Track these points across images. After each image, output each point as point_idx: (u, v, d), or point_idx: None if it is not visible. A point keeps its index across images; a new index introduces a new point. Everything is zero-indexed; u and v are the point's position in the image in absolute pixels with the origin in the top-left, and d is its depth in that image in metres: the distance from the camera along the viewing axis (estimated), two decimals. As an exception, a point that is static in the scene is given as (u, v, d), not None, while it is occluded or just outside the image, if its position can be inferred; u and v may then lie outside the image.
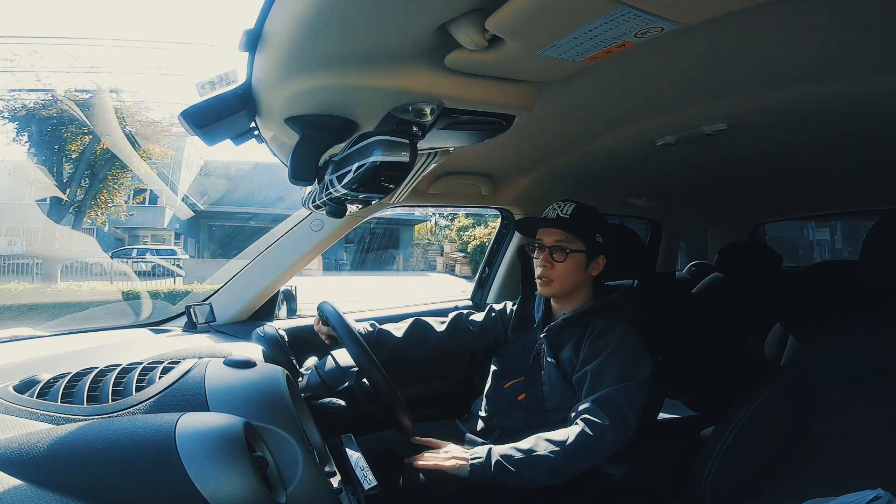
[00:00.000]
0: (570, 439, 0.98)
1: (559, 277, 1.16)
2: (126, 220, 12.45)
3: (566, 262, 1.15)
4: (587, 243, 1.16)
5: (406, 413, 0.99)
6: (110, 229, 13.17)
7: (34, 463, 0.50)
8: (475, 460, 0.97)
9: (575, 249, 1.15)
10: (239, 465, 0.53)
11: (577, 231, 1.16)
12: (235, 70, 0.67)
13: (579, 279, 1.18)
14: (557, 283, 1.17)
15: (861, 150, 1.27)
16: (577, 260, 1.16)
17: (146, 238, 14.45)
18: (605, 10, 0.49)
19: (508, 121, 0.81)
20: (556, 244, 1.16)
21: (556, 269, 1.16)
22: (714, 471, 0.87)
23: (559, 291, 1.18)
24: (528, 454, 0.97)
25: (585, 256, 1.17)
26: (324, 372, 1.04)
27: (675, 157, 1.32)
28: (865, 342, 0.84)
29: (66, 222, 10.88)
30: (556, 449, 0.97)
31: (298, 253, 1.39)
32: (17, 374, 0.71)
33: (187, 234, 14.83)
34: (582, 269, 1.17)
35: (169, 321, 1.35)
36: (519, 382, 1.22)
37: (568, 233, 1.16)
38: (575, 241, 1.16)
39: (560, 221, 1.16)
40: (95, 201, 10.91)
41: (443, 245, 17.65)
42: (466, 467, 0.97)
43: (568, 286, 1.18)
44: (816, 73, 0.81)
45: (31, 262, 9.24)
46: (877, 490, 0.58)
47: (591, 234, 1.17)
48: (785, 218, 2.70)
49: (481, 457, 0.97)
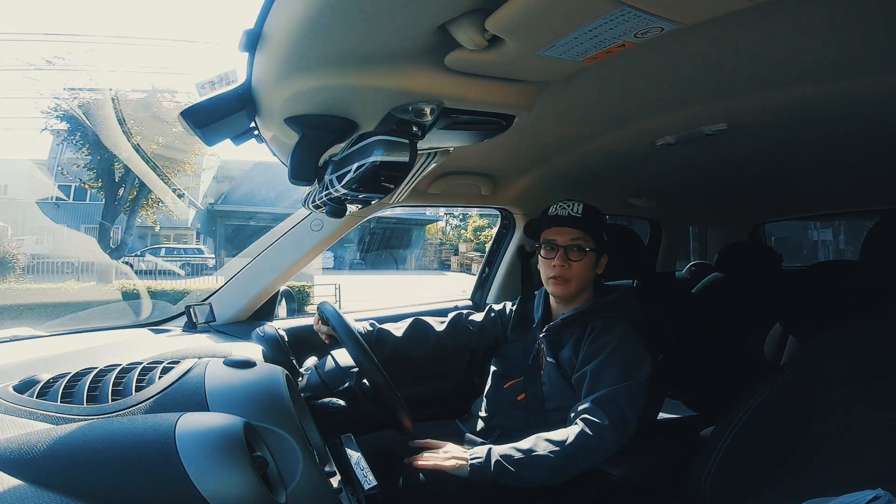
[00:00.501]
0: (569, 439, 0.98)
1: (576, 276, 1.16)
2: (154, 220, 12.65)
3: (583, 260, 1.15)
4: (597, 242, 1.17)
5: (406, 413, 0.99)
6: (161, 228, 13.39)
7: (34, 463, 0.50)
8: (475, 460, 0.97)
9: (590, 248, 1.16)
10: (239, 465, 0.53)
11: (590, 229, 1.16)
12: (235, 70, 0.67)
13: (590, 278, 1.19)
14: (574, 283, 1.16)
15: (861, 150, 1.27)
16: (591, 259, 1.17)
17: (168, 237, 14.62)
18: (605, 10, 0.49)
19: (508, 121, 0.81)
20: (571, 243, 1.16)
21: (573, 269, 1.15)
22: (714, 471, 0.87)
23: (574, 291, 1.18)
24: (528, 454, 0.97)
25: (596, 255, 1.18)
26: (324, 372, 1.04)
27: (675, 157, 1.32)
28: (865, 342, 0.84)
29: (119, 222, 11.17)
30: (556, 449, 0.97)
31: (298, 253, 1.39)
32: (16, 374, 0.71)
33: (206, 234, 15.00)
34: (593, 268, 1.18)
35: (169, 321, 1.35)
36: (518, 382, 1.22)
37: (582, 231, 1.15)
38: (589, 240, 1.16)
39: (574, 220, 1.16)
40: (147, 201, 11.13)
41: (457, 245, 17.75)
42: (466, 467, 0.97)
43: (582, 285, 1.18)
44: (816, 73, 0.81)
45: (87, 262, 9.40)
46: (877, 490, 0.57)
47: (600, 232, 1.18)
48: (785, 218, 2.70)
49: (481, 457, 0.97)
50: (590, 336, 1.13)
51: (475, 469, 0.97)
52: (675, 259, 2.44)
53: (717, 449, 0.88)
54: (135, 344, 1.14)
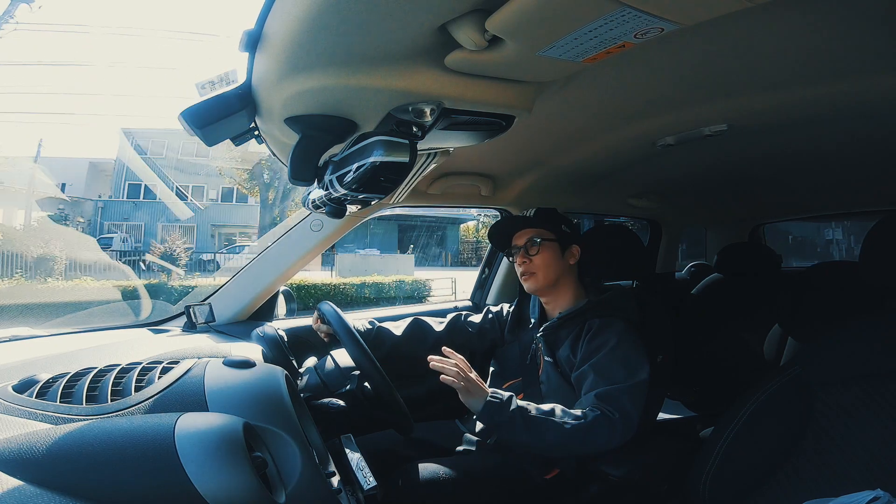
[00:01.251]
0: (587, 417, 0.99)
1: (539, 268, 1.20)
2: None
3: (541, 252, 1.20)
4: (556, 233, 1.21)
5: (406, 413, 0.99)
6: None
7: (33, 463, 0.50)
8: (494, 398, 0.97)
9: (546, 238, 1.20)
10: (238, 466, 0.53)
11: (543, 224, 1.22)
12: (235, 70, 0.67)
13: (560, 269, 1.21)
14: (540, 275, 1.20)
15: (861, 150, 1.27)
16: (551, 248, 1.20)
17: (234, 235, 14.79)
18: (605, 10, 0.49)
19: (508, 121, 0.81)
20: (527, 241, 1.21)
21: (535, 262, 1.20)
22: (714, 471, 0.87)
23: (543, 283, 1.21)
24: (546, 415, 0.97)
25: (558, 245, 1.21)
26: (323, 372, 1.04)
27: (675, 157, 1.32)
28: (865, 342, 0.84)
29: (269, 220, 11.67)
30: (572, 421, 0.97)
31: (298, 253, 1.39)
32: (16, 374, 0.71)
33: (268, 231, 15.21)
34: (559, 258, 1.21)
35: (168, 321, 1.35)
36: (517, 383, 1.22)
37: (535, 228, 1.21)
38: (544, 233, 1.21)
39: (525, 220, 1.23)
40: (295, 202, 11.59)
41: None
42: (481, 402, 0.96)
43: (551, 276, 1.20)
44: (816, 73, 0.81)
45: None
46: (876, 490, 0.57)
47: (557, 225, 1.23)
48: (785, 218, 2.70)
49: (501, 398, 0.97)
50: (587, 334, 1.13)
51: (489, 407, 0.96)
52: (675, 259, 2.44)
53: (717, 449, 0.88)
54: (134, 344, 1.14)
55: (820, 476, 0.80)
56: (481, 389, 0.99)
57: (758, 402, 0.87)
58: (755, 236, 2.66)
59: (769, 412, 0.87)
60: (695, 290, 2.16)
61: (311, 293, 7.32)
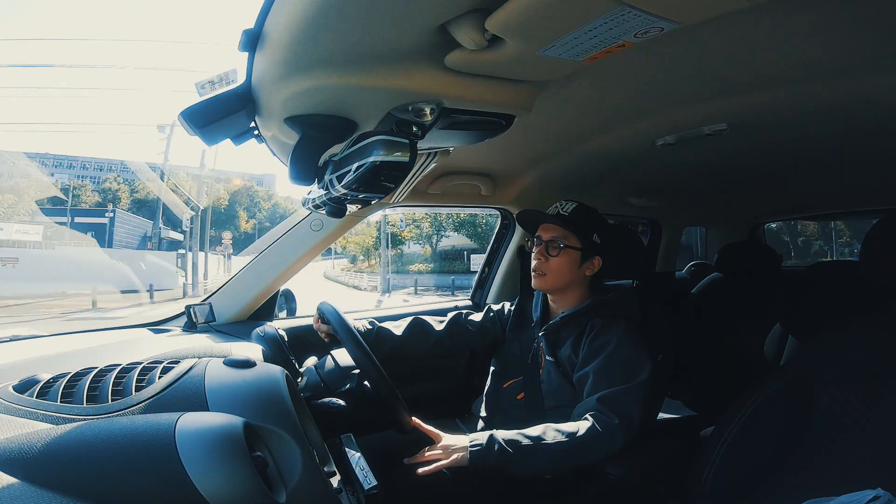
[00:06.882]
0: (580, 431, 0.98)
1: (551, 272, 1.18)
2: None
3: (559, 257, 1.17)
4: (583, 242, 1.18)
5: (406, 413, 0.99)
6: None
7: (34, 463, 0.50)
8: (475, 447, 0.96)
9: (569, 245, 1.17)
10: (238, 465, 0.53)
11: (574, 229, 1.17)
12: (235, 70, 0.67)
13: (572, 277, 1.19)
14: (550, 278, 1.18)
15: (861, 150, 1.27)
16: (570, 256, 1.17)
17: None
18: (605, 10, 0.49)
19: (508, 121, 0.81)
20: (552, 239, 1.18)
21: (550, 263, 1.17)
22: (714, 471, 0.87)
23: (550, 286, 1.20)
24: (536, 441, 0.96)
25: (580, 254, 1.18)
26: (323, 372, 1.04)
27: (675, 157, 1.32)
28: (865, 342, 0.84)
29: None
30: (565, 439, 0.97)
31: (298, 253, 1.39)
32: (17, 373, 0.71)
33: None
34: (575, 267, 1.18)
35: (168, 321, 1.35)
36: (518, 382, 1.22)
37: (565, 229, 1.17)
38: (570, 238, 1.17)
39: (558, 218, 1.18)
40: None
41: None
42: (466, 457, 0.95)
43: (560, 282, 1.19)
44: (816, 73, 0.81)
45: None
46: (877, 490, 0.57)
47: (589, 233, 1.18)
48: (785, 218, 2.70)
49: (481, 443, 0.96)
50: (590, 335, 1.13)
51: (475, 456, 0.95)
52: (675, 259, 2.44)
53: (717, 449, 0.88)
54: (135, 344, 1.14)
55: (820, 475, 0.80)
56: (457, 444, 0.97)
57: (758, 402, 0.87)
58: (755, 235, 2.66)
59: (769, 412, 0.87)
60: (695, 289, 2.16)
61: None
